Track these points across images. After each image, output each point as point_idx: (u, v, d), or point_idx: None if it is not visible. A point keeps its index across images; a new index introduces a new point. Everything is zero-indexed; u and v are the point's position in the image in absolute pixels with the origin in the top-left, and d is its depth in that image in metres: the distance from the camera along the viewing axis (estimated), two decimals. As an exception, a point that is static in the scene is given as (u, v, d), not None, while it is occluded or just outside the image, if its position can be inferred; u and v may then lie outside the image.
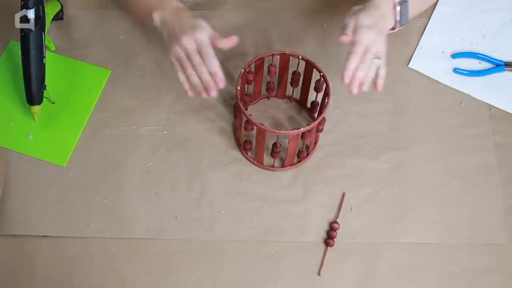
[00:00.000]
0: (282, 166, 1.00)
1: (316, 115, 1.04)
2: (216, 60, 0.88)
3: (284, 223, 0.97)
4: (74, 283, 0.93)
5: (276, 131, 0.91)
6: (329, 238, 0.96)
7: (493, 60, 1.10)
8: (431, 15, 1.15)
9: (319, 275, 0.94)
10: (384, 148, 1.03)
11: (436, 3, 1.15)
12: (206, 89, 0.89)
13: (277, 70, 1.01)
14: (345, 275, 0.94)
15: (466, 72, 1.10)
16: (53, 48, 1.09)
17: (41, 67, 1.00)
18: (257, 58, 0.96)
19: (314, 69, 0.96)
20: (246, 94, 1.03)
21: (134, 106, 1.06)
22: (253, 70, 0.98)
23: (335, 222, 0.97)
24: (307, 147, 1.00)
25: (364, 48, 0.88)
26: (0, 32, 1.11)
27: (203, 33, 0.88)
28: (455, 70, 1.10)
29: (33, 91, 0.99)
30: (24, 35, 0.97)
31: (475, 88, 1.09)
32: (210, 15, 1.13)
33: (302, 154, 0.99)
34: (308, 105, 1.05)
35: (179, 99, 1.06)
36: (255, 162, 1.00)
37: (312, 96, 1.03)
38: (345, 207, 0.99)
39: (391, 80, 1.08)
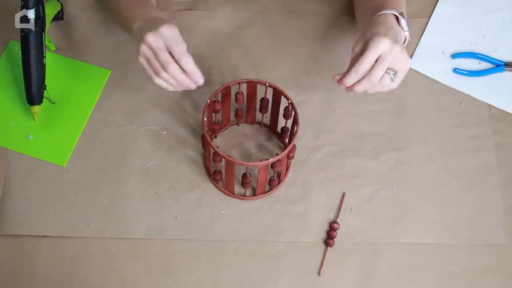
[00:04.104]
0: (254, 194, 0.99)
1: (286, 140, 1.01)
2: (190, 57, 0.82)
3: (284, 223, 0.97)
4: (74, 283, 0.93)
5: (245, 163, 0.88)
6: (329, 238, 0.96)
7: (493, 60, 1.10)
8: (431, 15, 1.15)
9: (319, 275, 0.94)
10: (384, 148, 1.03)
11: (436, 3, 1.15)
12: (183, 86, 0.84)
13: (245, 98, 0.98)
14: (345, 275, 0.94)
15: (466, 72, 1.10)
16: (53, 48, 1.09)
17: (41, 67, 0.99)
18: (223, 87, 0.92)
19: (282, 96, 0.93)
20: (214, 122, 1.00)
21: (134, 106, 1.05)
22: (219, 99, 0.95)
23: (335, 222, 0.97)
24: (279, 175, 0.98)
25: (377, 56, 0.75)
26: (0, 32, 1.11)
27: (171, 28, 0.81)
28: (455, 70, 1.10)
29: (33, 91, 0.99)
30: (24, 35, 0.97)
31: (475, 88, 1.09)
32: (209, 15, 1.14)
33: (274, 182, 0.96)
34: (279, 130, 1.02)
35: (179, 99, 1.06)
36: (226, 192, 0.98)
37: (282, 121, 0.99)
38: (345, 207, 0.98)
39: (391, 80, 1.09)
